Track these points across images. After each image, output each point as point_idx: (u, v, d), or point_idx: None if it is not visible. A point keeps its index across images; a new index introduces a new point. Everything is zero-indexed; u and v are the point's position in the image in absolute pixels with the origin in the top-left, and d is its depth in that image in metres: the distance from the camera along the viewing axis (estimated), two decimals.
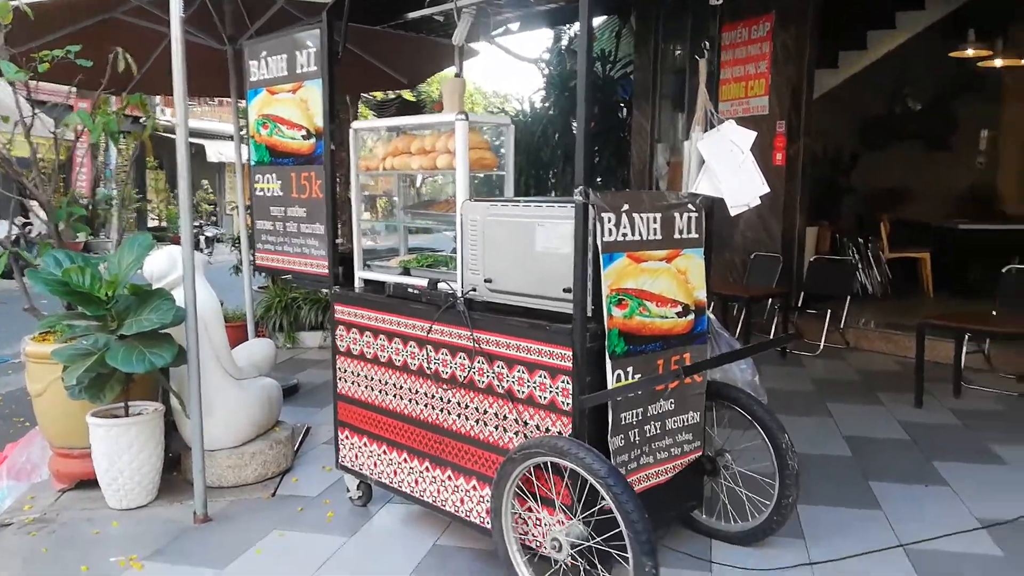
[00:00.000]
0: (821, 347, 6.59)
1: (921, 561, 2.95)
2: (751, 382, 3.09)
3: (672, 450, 2.80)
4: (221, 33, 5.01)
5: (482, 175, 3.15)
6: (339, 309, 3.35)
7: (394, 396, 3.15)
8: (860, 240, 8.45)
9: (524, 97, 11.30)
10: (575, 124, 10.49)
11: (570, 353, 2.50)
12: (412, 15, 3.03)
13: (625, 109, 9.79)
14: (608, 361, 2.51)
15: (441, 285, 2.90)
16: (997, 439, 4.32)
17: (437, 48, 4.97)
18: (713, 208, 2.90)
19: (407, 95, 12.64)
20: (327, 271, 3.37)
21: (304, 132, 3.36)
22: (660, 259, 2.68)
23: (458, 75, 3.41)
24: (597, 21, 12.66)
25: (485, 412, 2.80)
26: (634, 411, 2.62)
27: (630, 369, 2.58)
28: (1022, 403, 4.89)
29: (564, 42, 12.48)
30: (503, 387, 2.71)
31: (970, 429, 4.54)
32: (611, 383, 2.52)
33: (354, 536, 3.24)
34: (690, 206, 2.79)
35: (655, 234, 2.66)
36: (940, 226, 8.87)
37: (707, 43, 2.75)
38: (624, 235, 2.54)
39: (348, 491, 3.52)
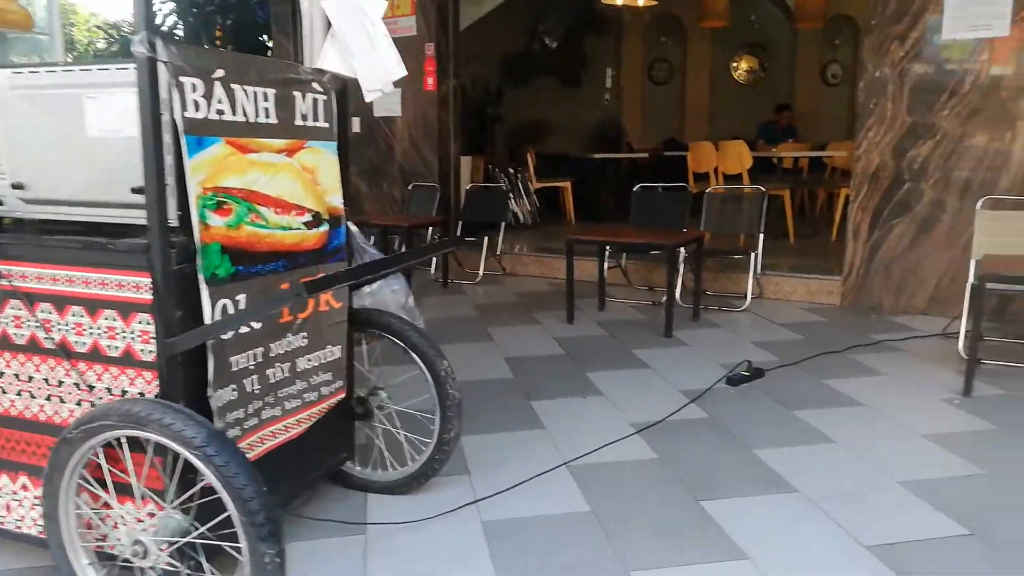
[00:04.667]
0: (480, 274, 6.53)
1: (584, 475, 2.82)
2: (405, 305, 2.63)
3: (306, 396, 2.22)
4: None
5: (14, 37, 2.18)
6: None
7: None
8: (511, 171, 8.63)
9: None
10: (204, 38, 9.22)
11: (148, 281, 1.77)
12: None
13: (267, 36, 8.78)
14: (205, 288, 1.83)
15: None
16: (639, 344, 4.52)
17: None
18: (347, 91, 2.33)
19: None
20: None
21: None
22: (277, 151, 2.05)
23: None
24: None
25: (30, 379, 1.94)
26: (250, 352, 1.98)
27: (241, 298, 1.93)
28: (657, 310, 5.24)
29: None
30: (54, 340, 1.88)
31: (616, 339, 4.70)
32: (212, 317, 1.85)
33: None
34: (315, 85, 2.18)
35: (268, 115, 2.00)
36: (578, 157, 9.48)
37: None
38: (220, 112, 1.84)
39: None
